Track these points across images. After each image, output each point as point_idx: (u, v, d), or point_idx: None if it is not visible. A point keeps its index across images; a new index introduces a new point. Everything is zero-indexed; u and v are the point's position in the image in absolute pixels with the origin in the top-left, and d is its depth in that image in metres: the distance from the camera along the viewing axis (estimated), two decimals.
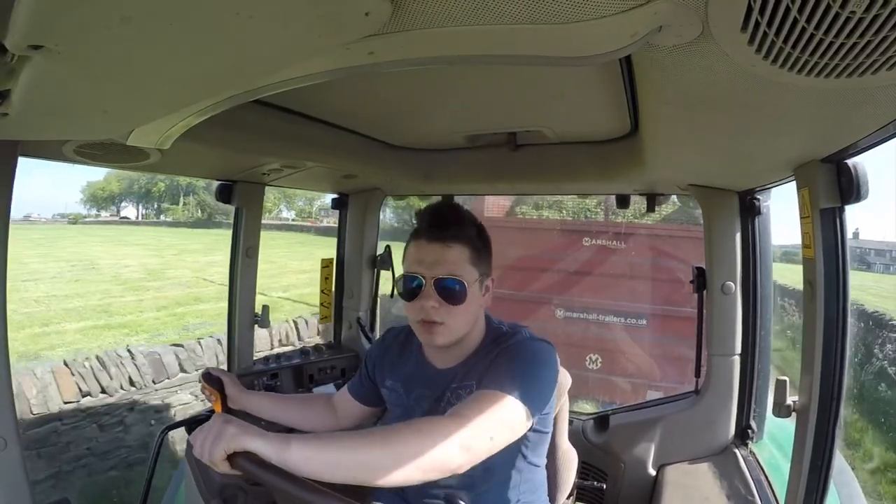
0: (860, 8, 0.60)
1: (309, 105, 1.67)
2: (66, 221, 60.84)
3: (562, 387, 1.85)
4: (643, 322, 6.51)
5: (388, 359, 1.66)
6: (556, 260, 6.96)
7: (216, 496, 1.52)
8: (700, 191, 2.04)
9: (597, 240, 6.74)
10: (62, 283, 16.31)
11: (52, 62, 0.68)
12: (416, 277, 1.39)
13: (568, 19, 0.68)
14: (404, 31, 0.74)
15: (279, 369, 2.30)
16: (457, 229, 1.42)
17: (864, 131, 1.07)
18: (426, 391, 1.53)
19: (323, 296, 2.75)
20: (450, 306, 1.38)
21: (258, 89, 0.96)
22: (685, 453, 2.18)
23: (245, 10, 0.61)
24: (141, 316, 12.41)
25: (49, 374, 4.68)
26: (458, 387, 1.46)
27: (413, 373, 1.57)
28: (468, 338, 1.47)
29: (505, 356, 1.37)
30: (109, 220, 73.48)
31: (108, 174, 79.72)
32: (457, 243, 1.40)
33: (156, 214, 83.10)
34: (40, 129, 1.07)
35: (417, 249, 1.42)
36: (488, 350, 1.45)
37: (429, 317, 1.38)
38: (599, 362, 6.66)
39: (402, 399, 1.59)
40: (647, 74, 0.95)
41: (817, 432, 1.34)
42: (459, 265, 1.39)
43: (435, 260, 1.38)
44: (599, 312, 6.74)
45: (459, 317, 1.40)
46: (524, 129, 1.86)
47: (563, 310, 6.91)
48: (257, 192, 2.24)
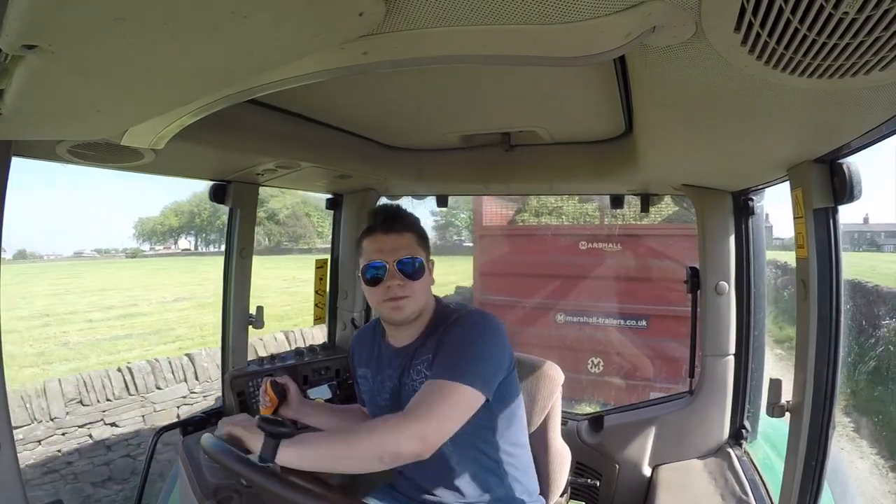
0: (853, 9, 0.60)
1: (303, 105, 1.67)
2: (123, 256, 60.02)
3: (553, 382, 1.86)
4: (643, 323, 6.53)
5: (358, 352, 1.82)
6: (554, 265, 6.99)
7: (210, 497, 1.51)
8: (694, 191, 2.05)
9: (594, 243, 6.77)
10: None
11: (46, 62, 0.68)
12: (380, 263, 1.56)
13: (562, 20, 0.69)
14: (398, 32, 0.74)
15: (273, 370, 2.29)
16: (405, 221, 1.62)
17: (857, 131, 1.07)
18: (388, 371, 1.66)
19: (317, 296, 2.74)
20: (411, 282, 1.57)
21: (252, 89, 0.96)
22: (679, 454, 2.18)
23: (239, 11, 0.61)
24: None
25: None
26: (417, 362, 1.59)
27: (377, 357, 1.72)
28: (423, 314, 1.63)
29: (452, 337, 1.51)
30: (170, 252, 72.90)
31: (165, 210, 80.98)
32: (406, 231, 1.61)
33: (217, 245, 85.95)
34: (34, 129, 1.07)
35: (375, 241, 1.59)
36: (438, 325, 1.61)
37: (395, 294, 1.55)
38: (601, 366, 6.68)
39: (368, 383, 1.73)
40: (640, 75, 0.96)
41: (811, 432, 1.35)
42: (412, 248, 1.60)
43: (394, 247, 1.57)
44: (599, 315, 6.76)
45: (419, 290, 1.59)
46: (518, 129, 1.86)
47: (564, 314, 6.94)
48: (251, 193, 2.24)
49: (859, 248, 26.68)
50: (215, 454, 1.41)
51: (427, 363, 1.55)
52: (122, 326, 15.52)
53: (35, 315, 17.17)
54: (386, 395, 1.65)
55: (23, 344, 13.31)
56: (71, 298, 22.28)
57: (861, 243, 12.48)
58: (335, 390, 2.44)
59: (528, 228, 8.42)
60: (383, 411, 1.63)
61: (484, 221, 8.01)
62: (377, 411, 1.68)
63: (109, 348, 12.80)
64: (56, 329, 15.62)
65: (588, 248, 6.81)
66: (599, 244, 6.78)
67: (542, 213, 8.74)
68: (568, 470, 1.89)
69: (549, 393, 1.87)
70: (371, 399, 1.72)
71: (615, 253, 6.69)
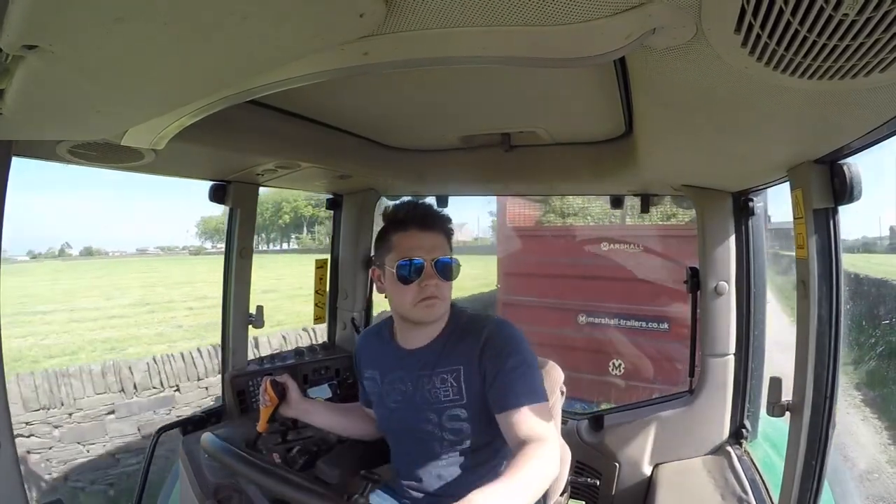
0: (853, 10, 0.60)
1: (304, 105, 1.67)
2: (186, 252, 60.35)
3: (554, 382, 1.86)
4: (665, 326, 6.46)
5: (365, 353, 1.79)
6: (577, 266, 6.91)
7: (210, 497, 1.52)
8: (694, 191, 2.05)
9: (616, 244, 6.69)
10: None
11: (47, 62, 0.68)
12: (419, 261, 1.53)
13: (562, 21, 0.69)
14: (399, 33, 0.74)
15: (273, 370, 2.29)
16: (441, 220, 1.60)
17: (857, 133, 1.08)
18: (400, 372, 1.63)
19: (317, 296, 2.74)
20: (446, 282, 1.56)
21: (253, 90, 0.96)
22: (679, 453, 2.18)
23: (240, 11, 0.61)
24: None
25: None
26: (443, 371, 1.55)
27: (387, 359, 1.69)
28: (444, 316, 1.62)
29: (506, 357, 1.47)
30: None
31: (225, 211, 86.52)
32: (441, 232, 1.59)
33: (279, 243, 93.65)
34: (34, 129, 1.07)
35: (411, 238, 1.55)
36: (457, 331, 1.59)
37: (431, 293, 1.53)
38: (622, 367, 6.62)
39: (377, 386, 1.70)
40: (641, 76, 0.96)
41: (811, 431, 1.35)
42: (446, 248, 1.59)
43: (433, 245, 1.55)
44: (621, 317, 6.67)
45: (450, 291, 1.59)
46: (518, 129, 1.86)
47: (586, 315, 6.87)
48: (251, 193, 2.24)
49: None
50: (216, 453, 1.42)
51: (458, 374, 1.53)
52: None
53: (137, 304, 18.93)
54: (397, 397, 1.63)
55: (139, 327, 15.05)
56: (161, 289, 24.35)
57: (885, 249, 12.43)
58: (335, 389, 2.44)
59: (552, 229, 8.28)
60: (393, 413, 1.64)
61: (508, 222, 7.91)
62: (386, 413, 1.68)
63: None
64: (162, 315, 17.34)
65: (609, 248, 6.72)
66: (623, 245, 6.68)
67: (568, 214, 8.66)
68: (568, 469, 1.89)
69: (549, 392, 1.87)
70: (379, 401, 1.70)
71: (638, 254, 6.58)
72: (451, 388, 1.53)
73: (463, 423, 1.53)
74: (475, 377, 1.50)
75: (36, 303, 19.38)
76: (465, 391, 1.51)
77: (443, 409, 1.54)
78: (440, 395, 1.53)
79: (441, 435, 1.55)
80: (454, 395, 1.52)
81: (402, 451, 1.69)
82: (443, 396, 1.53)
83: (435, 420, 1.55)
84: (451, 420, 1.53)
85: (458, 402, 1.52)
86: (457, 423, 1.53)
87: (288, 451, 1.80)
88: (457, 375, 1.52)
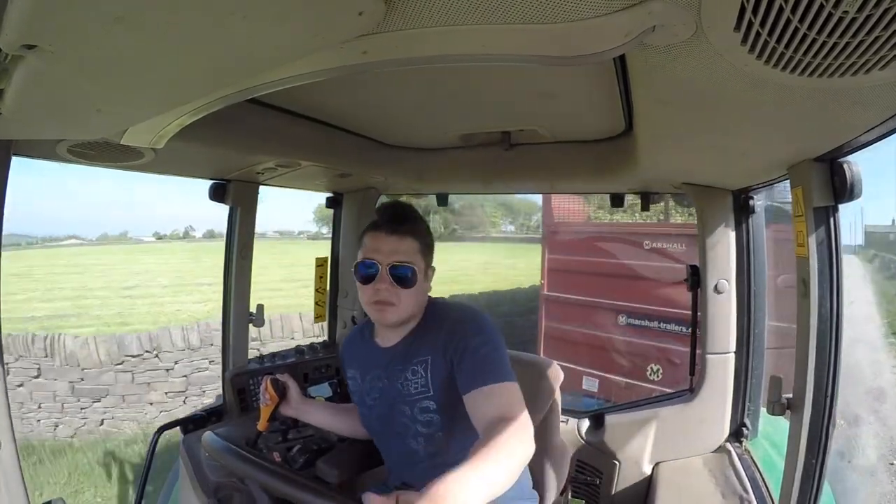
0: (853, 8, 0.60)
1: (303, 104, 1.67)
2: (304, 238, 60.30)
3: (554, 381, 1.86)
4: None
5: (348, 353, 1.80)
6: (618, 265, 6.79)
7: (211, 495, 1.52)
8: (694, 189, 2.05)
9: (660, 242, 6.49)
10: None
11: (46, 62, 0.67)
12: (373, 263, 1.54)
13: (561, 19, 0.68)
14: (398, 31, 0.74)
15: (274, 368, 2.30)
16: (412, 225, 1.58)
17: (857, 130, 1.07)
18: (376, 370, 1.65)
19: (318, 294, 2.74)
20: (400, 289, 1.53)
21: (252, 88, 0.95)
22: (680, 451, 2.19)
23: (239, 10, 0.61)
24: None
25: None
26: (414, 363, 1.56)
27: (366, 358, 1.70)
28: (413, 318, 1.62)
29: (474, 342, 1.47)
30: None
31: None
32: (410, 237, 1.56)
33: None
34: (34, 128, 1.07)
35: (375, 240, 1.56)
36: (427, 323, 1.61)
37: (382, 298, 1.53)
38: (660, 373, 6.47)
39: (357, 384, 1.71)
40: (640, 74, 0.96)
41: (811, 429, 1.35)
42: (411, 255, 1.55)
43: (392, 249, 1.54)
44: (661, 320, 6.47)
45: (408, 299, 1.55)
46: (518, 128, 1.86)
47: (626, 315, 6.74)
48: (252, 192, 2.24)
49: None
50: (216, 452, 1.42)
51: (426, 365, 1.53)
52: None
53: (286, 280, 19.18)
54: (375, 395, 1.64)
55: (298, 298, 14.99)
56: (299, 269, 24.62)
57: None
58: (336, 388, 2.44)
59: (598, 225, 8.13)
60: (371, 411, 1.65)
61: (556, 218, 7.72)
62: (366, 411, 1.69)
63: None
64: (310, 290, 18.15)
65: (652, 247, 6.52)
66: (669, 244, 6.45)
67: (617, 210, 8.54)
68: (568, 467, 1.90)
69: (549, 391, 1.87)
70: (360, 399, 1.71)
71: (681, 254, 6.31)
72: (420, 379, 1.54)
73: (433, 414, 1.53)
74: (442, 366, 1.50)
75: (193, 277, 19.97)
76: (432, 383, 1.52)
77: (414, 402, 1.54)
78: (411, 388, 1.54)
79: (416, 428, 1.56)
80: (422, 388, 1.53)
81: (385, 448, 1.70)
82: (413, 389, 1.54)
83: (408, 413, 1.56)
84: (422, 412, 1.54)
85: (425, 395, 1.53)
86: (427, 416, 1.54)
87: (288, 449, 1.80)
88: (425, 366, 1.53)
